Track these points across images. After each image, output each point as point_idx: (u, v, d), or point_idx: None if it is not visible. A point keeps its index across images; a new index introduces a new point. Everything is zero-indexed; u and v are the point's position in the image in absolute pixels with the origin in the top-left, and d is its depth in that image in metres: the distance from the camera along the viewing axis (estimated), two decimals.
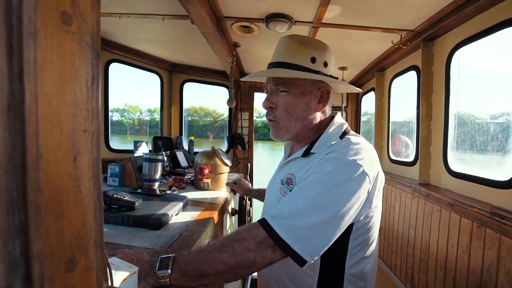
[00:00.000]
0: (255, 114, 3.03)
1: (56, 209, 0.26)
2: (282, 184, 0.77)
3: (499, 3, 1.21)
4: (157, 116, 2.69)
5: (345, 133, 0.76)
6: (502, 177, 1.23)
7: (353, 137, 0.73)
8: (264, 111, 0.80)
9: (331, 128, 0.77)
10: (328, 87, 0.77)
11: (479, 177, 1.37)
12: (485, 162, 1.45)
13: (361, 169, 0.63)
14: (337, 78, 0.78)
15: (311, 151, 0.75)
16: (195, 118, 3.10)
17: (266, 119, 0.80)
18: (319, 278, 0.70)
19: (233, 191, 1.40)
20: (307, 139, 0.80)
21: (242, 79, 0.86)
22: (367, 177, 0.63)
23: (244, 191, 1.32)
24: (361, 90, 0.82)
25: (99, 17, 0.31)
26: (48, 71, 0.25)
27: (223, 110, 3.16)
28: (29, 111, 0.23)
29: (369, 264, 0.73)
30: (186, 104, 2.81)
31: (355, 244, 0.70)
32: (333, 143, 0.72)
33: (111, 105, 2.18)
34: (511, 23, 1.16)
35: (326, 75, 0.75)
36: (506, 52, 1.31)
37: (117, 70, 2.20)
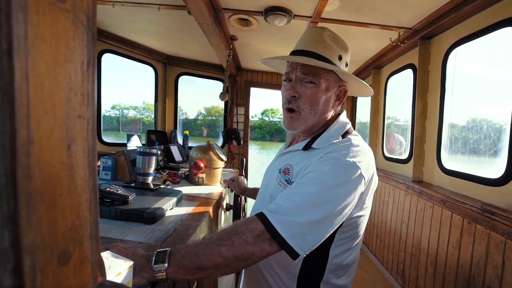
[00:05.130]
0: (273, 115, 2.99)
1: (48, 198, 0.24)
2: (280, 172, 0.79)
3: (496, 3, 1.22)
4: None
5: (347, 132, 0.78)
6: (493, 175, 1.26)
7: (354, 138, 0.74)
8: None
9: (335, 126, 0.78)
10: (346, 88, 0.79)
11: (470, 174, 1.40)
12: (478, 161, 1.48)
13: (359, 172, 0.65)
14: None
15: (312, 146, 0.76)
16: (213, 118, 2.97)
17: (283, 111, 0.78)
18: (303, 263, 0.74)
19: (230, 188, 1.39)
20: (312, 132, 0.81)
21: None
22: (363, 179, 0.66)
23: (241, 190, 1.32)
24: (372, 93, 0.82)
25: None
26: (41, 50, 0.23)
27: (218, 104, 3.12)
28: (20, 91, 0.21)
29: (351, 256, 0.77)
30: (193, 101, 2.71)
31: (341, 237, 0.73)
32: (334, 141, 0.74)
33: (127, 103, 2.13)
34: (507, 23, 1.18)
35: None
36: (499, 56, 1.33)
37: (110, 62, 2.15)
